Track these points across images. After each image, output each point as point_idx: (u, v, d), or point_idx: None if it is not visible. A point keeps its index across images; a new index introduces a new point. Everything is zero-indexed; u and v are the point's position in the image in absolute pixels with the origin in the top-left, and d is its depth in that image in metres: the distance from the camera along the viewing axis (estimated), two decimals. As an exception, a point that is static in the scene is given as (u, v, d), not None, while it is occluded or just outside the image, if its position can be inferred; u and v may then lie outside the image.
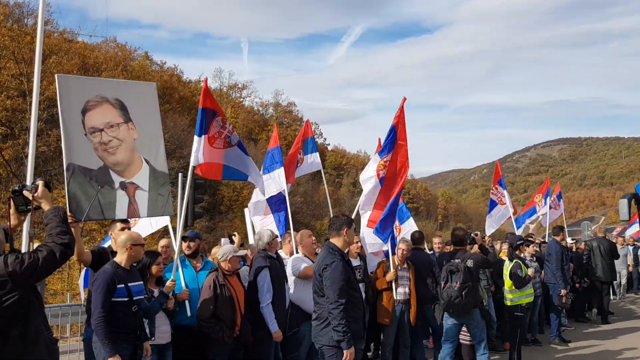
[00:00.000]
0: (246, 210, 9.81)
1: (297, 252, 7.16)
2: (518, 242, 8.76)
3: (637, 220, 17.60)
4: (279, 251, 6.84)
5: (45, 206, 3.57)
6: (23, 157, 33.99)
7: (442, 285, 7.13)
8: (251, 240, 8.77)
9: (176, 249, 6.21)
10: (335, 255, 4.98)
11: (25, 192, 3.58)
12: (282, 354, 6.55)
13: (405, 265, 7.55)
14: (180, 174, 12.61)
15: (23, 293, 3.09)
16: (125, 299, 4.75)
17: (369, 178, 7.47)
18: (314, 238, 7.06)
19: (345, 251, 5.33)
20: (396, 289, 7.34)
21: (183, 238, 6.84)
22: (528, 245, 10.10)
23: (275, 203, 8.95)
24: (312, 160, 9.70)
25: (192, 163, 6.36)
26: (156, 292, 5.45)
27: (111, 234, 5.87)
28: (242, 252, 6.17)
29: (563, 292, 10.38)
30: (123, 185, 5.81)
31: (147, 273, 5.42)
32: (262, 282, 6.06)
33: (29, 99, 35.26)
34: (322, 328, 4.92)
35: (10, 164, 36.55)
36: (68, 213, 5.43)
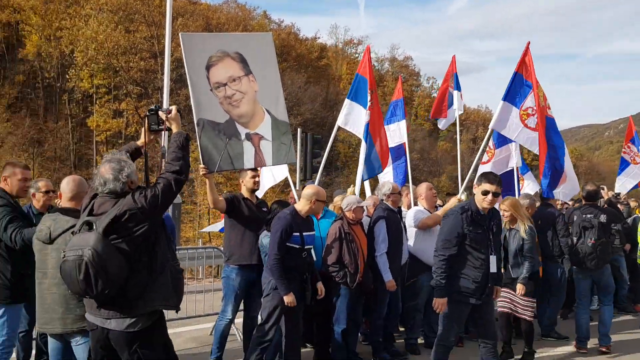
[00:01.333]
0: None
1: (415, 205, 7.16)
2: None
3: None
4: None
5: (174, 128, 3.84)
6: (156, 115, 36.52)
7: (575, 241, 6.84)
8: (369, 193, 8.88)
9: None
10: (460, 209, 4.92)
11: (160, 112, 3.85)
12: (402, 303, 6.66)
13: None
14: (299, 130, 12.93)
15: (151, 224, 3.39)
16: (298, 246, 5.13)
17: (517, 131, 7.12)
18: (434, 191, 7.00)
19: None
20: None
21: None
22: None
23: (395, 157, 8.97)
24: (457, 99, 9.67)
25: (338, 123, 7.11)
26: None
27: (242, 182, 6.22)
28: (365, 203, 6.29)
29: None
30: (248, 136, 6.09)
31: None
32: (377, 232, 6.16)
33: (160, 60, 37.59)
34: None
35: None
36: (201, 165, 5.85)
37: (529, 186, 9.97)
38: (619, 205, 9.14)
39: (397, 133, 8.56)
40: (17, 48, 43.52)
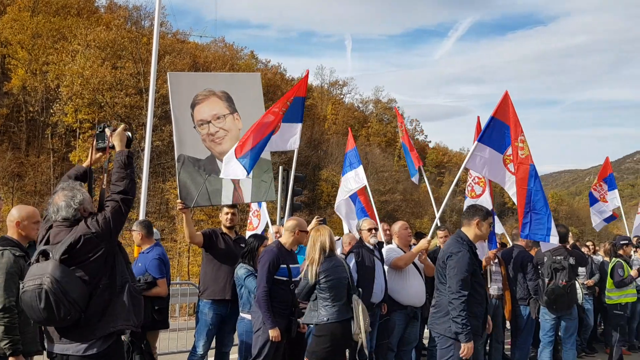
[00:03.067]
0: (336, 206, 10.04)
1: (391, 243, 7.27)
2: (622, 242, 8.47)
3: None
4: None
5: (117, 147, 3.80)
6: (139, 151, 36.51)
7: (547, 282, 6.98)
8: (346, 230, 9.00)
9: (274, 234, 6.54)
10: (463, 245, 4.79)
11: (106, 130, 3.92)
12: (375, 341, 6.68)
13: (497, 261, 7.46)
14: (280, 168, 13.08)
15: (108, 246, 3.42)
16: (285, 278, 5.19)
17: (500, 175, 7.15)
18: (409, 230, 7.12)
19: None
20: (489, 284, 7.27)
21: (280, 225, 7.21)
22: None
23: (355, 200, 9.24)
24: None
25: (293, 147, 6.86)
26: None
27: (220, 217, 6.31)
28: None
29: None
30: (228, 173, 6.22)
31: (256, 254, 5.77)
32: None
33: (146, 97, 37.84)
34: (440, 317, 4.82)
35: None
36: (178, 200, 5.95)
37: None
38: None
39: (356, 179, 8.70)
40: (3, 82, 43.58)
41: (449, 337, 4.70)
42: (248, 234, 7.81)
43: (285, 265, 5.22)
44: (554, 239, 6.48)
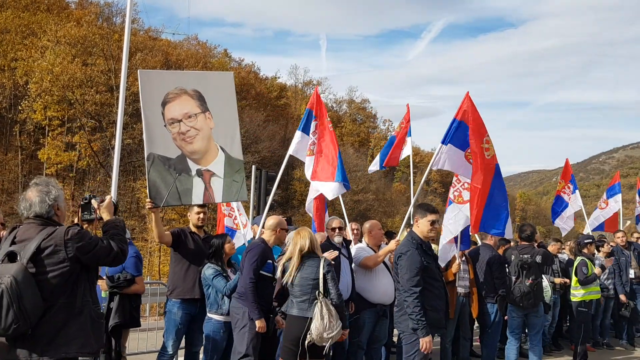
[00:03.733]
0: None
1: (361, 242, 7.30)
2: (586, 241, 8.70)
3: None
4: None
5: (106, 217, 3.71)
6: (110, 149, 36.02)
7: (514, 280, 7.14)
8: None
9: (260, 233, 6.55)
10: (412, 244, 5.02)
11: (93, 201, 3.78)
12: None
13: (464, 259, 7.57)
14: (253, 167, 13.03)
15: (72, 267, 3.24)
16: (270, 275, 5.24)
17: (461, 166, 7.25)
18: (382, 231, 7.16)
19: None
20: (457, 282, 7.38)
21: (252, 224, 7.22)
22: (602, 246, 9.83)
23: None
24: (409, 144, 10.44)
25: (290, 152, 7.66)
26: (230, 272, 5.78)
27: (189, 216, 6.30)
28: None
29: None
30: (199, 173, 6.19)
31: (223, 253, 5.77)
32: None
33: (116, 94, 37.27)
34: (401, 315, 5.04)
35: (98, 155, 38.82)
36: (147, 199, 5.91)
37: None
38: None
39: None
40: (-32, 77, 42.50)
41: (411, 334, 4.92)
42: (238, 234, 7.77)
43: (271, 261, 5.30)
44: (509, 233, 6.94)
